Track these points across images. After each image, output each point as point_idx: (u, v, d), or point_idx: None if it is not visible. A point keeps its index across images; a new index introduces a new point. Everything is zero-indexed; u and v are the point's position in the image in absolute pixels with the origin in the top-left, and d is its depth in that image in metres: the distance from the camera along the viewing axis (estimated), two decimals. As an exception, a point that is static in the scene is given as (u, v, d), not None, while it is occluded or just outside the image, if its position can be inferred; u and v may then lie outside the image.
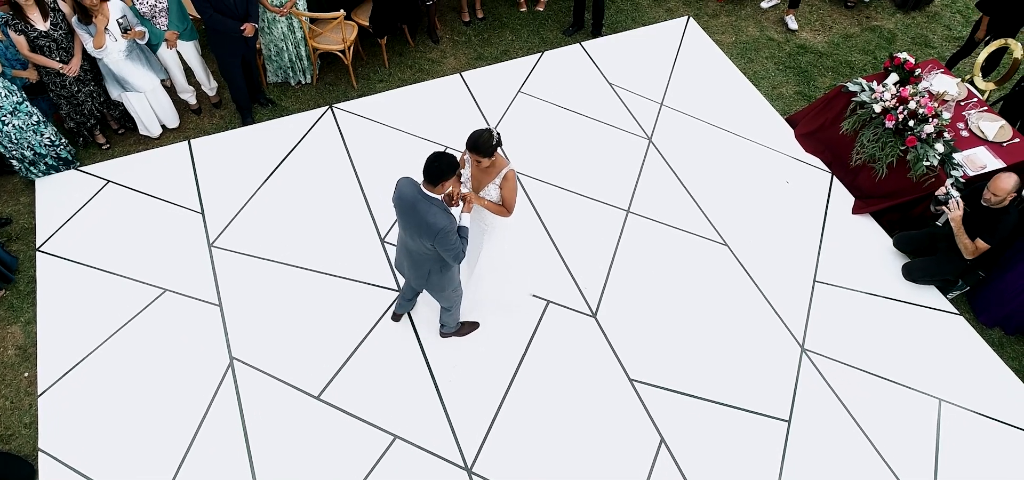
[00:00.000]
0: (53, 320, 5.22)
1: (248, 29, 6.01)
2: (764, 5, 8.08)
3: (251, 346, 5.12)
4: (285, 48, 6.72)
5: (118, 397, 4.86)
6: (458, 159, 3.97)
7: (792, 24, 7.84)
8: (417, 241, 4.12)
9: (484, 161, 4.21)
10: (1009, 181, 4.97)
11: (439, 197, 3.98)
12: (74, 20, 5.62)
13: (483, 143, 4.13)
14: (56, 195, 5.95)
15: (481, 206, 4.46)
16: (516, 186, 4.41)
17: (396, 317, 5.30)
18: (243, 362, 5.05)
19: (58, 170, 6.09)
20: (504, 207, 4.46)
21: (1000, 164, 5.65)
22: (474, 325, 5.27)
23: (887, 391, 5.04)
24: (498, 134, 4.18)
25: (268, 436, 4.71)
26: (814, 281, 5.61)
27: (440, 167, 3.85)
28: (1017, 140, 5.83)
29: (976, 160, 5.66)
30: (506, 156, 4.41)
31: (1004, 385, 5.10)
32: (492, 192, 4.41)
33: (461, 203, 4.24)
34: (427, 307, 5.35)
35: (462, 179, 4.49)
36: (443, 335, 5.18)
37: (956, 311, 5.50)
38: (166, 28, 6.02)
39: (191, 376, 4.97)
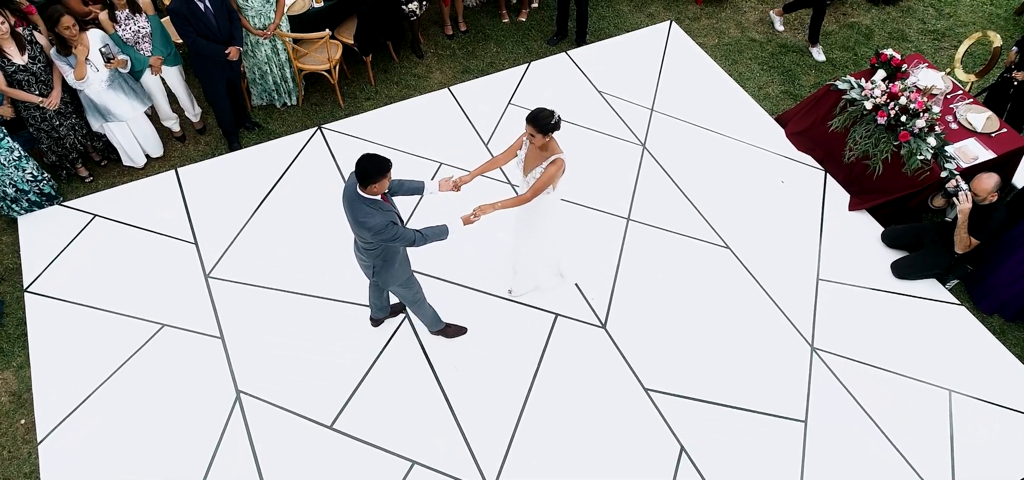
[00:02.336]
0: (47, 363, 5.02)
1: (233, 53, 5.90)
2: (779, 28, 7.95)
3: (258, 378, 4.99)
4: (270, 70, 6.59)
5: (122, 439, 4.69)
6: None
7: (778, 25, 7.90)
8: (360, 236, 4.18)
9: (537, 138, 4.28)
10: (990, 181, 5.10)
11: (374, 197, 3.99)
12: (53, 52, 5.44)
13: (541, 118, 4.24)
14: (41, 232, 5.74)
15: (494, 211, 4.47)
16: (553, 176, 4.41)
17: (374, 322, 5.27)
18: (251, 395, 4.91)
19: (41, 206, 5.88)
20: (529, 189, 4.46)
21: (991, 155, 5.76)
22: (461, 329, 5.25)
23: (898, 385, 5.10)
24: (558, 118, 4.27)
25: (282, 470, 4.59)
26: (818, 279, 5.66)
27: (366, 169, 3.86)
28: (1005, 130, 5.96)
29: (968, 152, 5.77)
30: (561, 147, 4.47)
31: (1010, 372, 5.19)
32: (539, 174, 4.45)
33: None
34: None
35: (518, 157, 4.59)
36: (432, 332, 5.20)
37: (957, 301, 5.58)
38: (150, 54, 5.85)
39: (198, 413, 4.82)
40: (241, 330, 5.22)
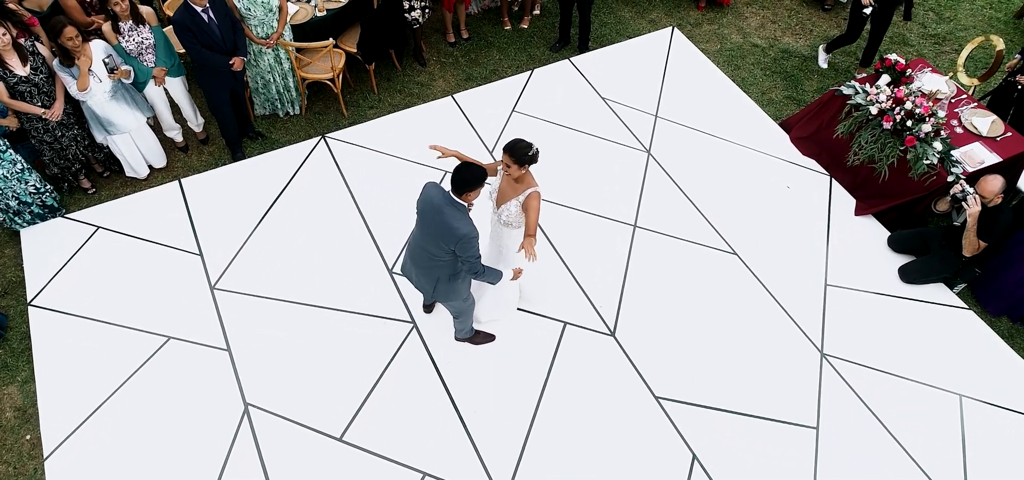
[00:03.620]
0: (52, 378, 4.97)
1: (237, 63, 5.87)
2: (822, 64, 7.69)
3: (266, 390, 4.95)
4: (272, 80, 6.55)
5: (130, 454, 4.64)
6: (486, 168, 4.12)
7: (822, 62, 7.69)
8: (436, 246, 4.15)
9: (514, 169, 4.22)
10: (996, 183, 5.12)
11: (466, 204, 4.07)
12: (56, 63, 5.40)
13: (519, 149, 4.18)
14: (44, 245, 5.70)
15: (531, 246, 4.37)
16: (537, 209, 4.37)
17: (427, 308, 5.34)
18: (259, 407, 4.87)
19: (44, 218, 5.83)
20: (527, 234, 4.39)
21: (996, 158, 5.77)
22: (490, 337, 5.24)
23: (908, 390, 5.09)
24: (536, 151, 4.21)
25: (292, 484, 4.56)
26: (826, 285, 5.65)
27: (465, 178, 3.96)
28: (1009, 134, 5.96)
29: (974, 156, 5.77)
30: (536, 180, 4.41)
31: (1021, 376, 5.18)
32: (512, 207, 4.39)
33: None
34: (443, 333, 5.25)
35: (491, 190, 4.52)
36: (458, 340, 5.19)
37: (965, 305, 5.58)
38: (153, 65, 5.81)
39: (205, 426, 4.77)
40: (248, 342, 5.18)
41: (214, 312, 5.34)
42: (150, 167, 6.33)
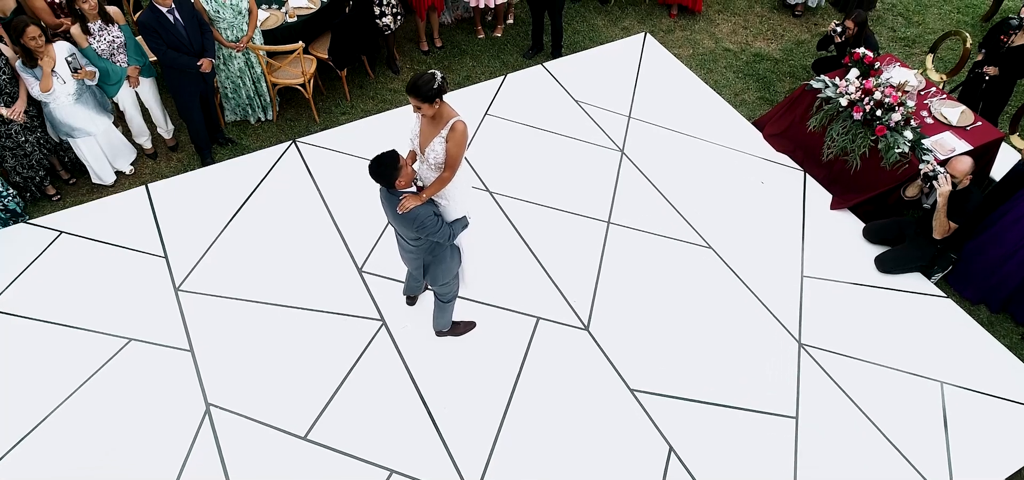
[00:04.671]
0: (5, 383, 4.79)
1: (205, 64, 5.79)
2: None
3: (228, 390, 4.79)
4: (243, 84, 6.48)
5: (85, 458, 4.45)
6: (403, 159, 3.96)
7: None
8: (405, 233, 4.21)
9: (425, 108, 3.92)
10: (965, 163, 5.12)
11: (407, 189, 4.02)
12: (18, 64, 5.32)
13: (422, 85, 3.85)
14: (4, 250, 5.54)
15: (426, 197, 4.10)
16: (462, 142, 4.02)
17: (410, 300, 5.30)
18: (221, 408, 4.71)
19: (6, 224, 5.69)
20: (446, 168, 4.07)
21: (967, 147, 5.76)
22: (470, 324, 5.17)
23: (889, 379, 4.99)
24: (442, 79, 3.89)
25: (255, 483, 4.39)
26: (802, 276, 5.58)
27: (380, 171, 3.88)
28: (979, 123, 5.97)
29: (944, 144, 5.76)
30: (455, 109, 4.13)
31: (1001, 363, 5.10)
32: (437, 147, 4.03)
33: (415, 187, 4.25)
34: (415, 327, 5.15)
35: (412, 135, 4.26)
36: (438, 334, 5.10)
37: (943, 294, 5.52)
38: (126, 64, 5.74)
39: (165, 427, 4.60)
40: (211, 342, 5.04)
41: (177, 313, 5.20)
42: (118, 173, 6.22)
